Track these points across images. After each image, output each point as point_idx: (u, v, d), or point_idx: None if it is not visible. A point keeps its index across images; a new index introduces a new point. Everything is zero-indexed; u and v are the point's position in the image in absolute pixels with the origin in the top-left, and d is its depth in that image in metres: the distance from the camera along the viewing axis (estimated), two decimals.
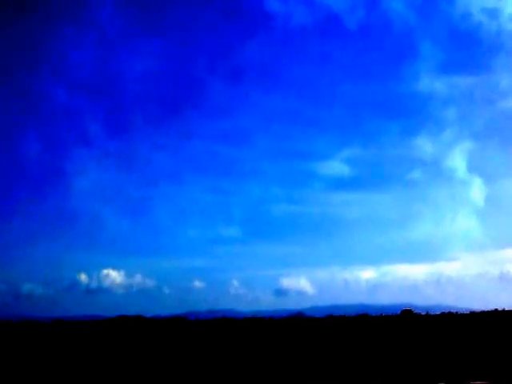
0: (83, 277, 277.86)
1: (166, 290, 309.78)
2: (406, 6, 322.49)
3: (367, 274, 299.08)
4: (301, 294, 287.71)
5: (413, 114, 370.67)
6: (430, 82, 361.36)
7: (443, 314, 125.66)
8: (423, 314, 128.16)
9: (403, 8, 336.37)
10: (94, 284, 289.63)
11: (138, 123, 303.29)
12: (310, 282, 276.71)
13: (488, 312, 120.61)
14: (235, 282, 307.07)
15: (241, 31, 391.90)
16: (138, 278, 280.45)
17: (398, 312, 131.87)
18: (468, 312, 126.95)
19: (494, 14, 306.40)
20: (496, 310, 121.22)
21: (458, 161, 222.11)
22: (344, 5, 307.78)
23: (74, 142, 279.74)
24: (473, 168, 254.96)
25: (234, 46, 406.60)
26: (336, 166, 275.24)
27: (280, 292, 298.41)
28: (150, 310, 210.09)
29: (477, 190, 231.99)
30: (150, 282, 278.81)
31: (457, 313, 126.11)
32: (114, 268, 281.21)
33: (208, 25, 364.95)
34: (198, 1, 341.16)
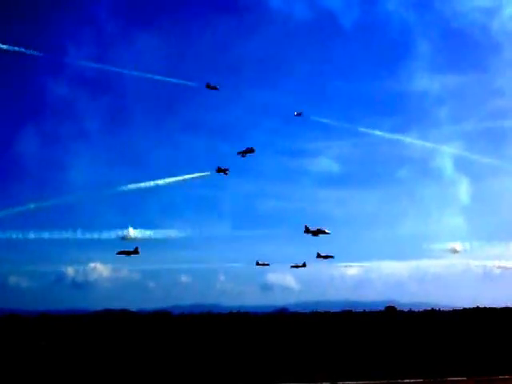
0: (70, 270, 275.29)
1: (152, 284, 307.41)
2: (400, 6, 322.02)
3: (352, 270, 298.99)
4: (286, 289, 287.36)
5: (403, 112, 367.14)
6: (422, 81, 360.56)
7: (426, 310, 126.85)
8: (406, 310, 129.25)
9: (398, 7, 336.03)
10: (80, 278, 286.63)
11: (135, 119, 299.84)
12: (295, 277, 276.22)
13: (470, 309, 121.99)
14: (221, 277, 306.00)
15: (240, 27, 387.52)
16: (124, 272, 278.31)
17: (383, 308, 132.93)
18: (451, 309, 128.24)
19: (488, 13, 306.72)
20: (477, 307, 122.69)
21: (446, 160, 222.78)
22: (340, 3, 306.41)
23: (71, 137, 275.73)
24: (460, 167, 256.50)
25: (234, 43, 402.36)
26: (325, 163, 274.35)
27: (265, 287, 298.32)
28: (136, 303, 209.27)
29: (463, 189, 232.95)
30: (136, 276, 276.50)
31: (439, 310, 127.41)
32: (101, 262, 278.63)
33: (208, 21, 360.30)
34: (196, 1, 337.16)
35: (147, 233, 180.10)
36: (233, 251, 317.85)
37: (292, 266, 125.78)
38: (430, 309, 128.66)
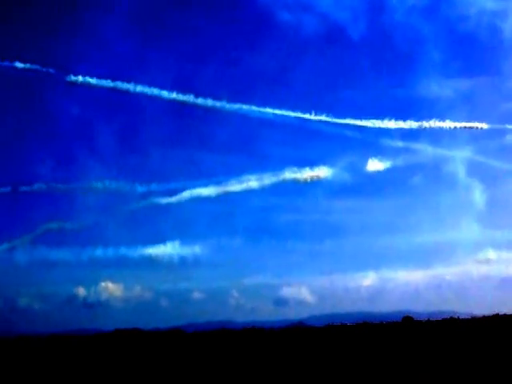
0: (81, 290, 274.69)
1: (164, 303, 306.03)
2: (407, 14, 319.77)
3: (367, 281, 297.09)
4: (301, 303, 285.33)
5: (414, 118, 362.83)
6: (433, 87, 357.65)
7: (444, 319, 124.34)
8: (424, 320, 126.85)
9: (405, 16, 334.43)
10: (91, 297, 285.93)
11: (148, 137, 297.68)
12: (310, 290, 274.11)
13: (489, 317, 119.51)
14: (234, 293, 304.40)
15: (250, 42, 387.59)
16: (136, 291, 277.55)
17: (399, 319, 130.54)
18: (469, 317, 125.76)
19: (497, 15, 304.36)
20: (497, 314, 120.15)
21: (458, 165, 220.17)
22: (347, 15, 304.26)
23: (84, 156, 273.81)
24: (473, 172, 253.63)
25: (243, 57, 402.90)
26: (337, 173, 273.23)
27: (280, 301, 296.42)
28: (149, 322, 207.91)
29: (478, 195, 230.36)
30: (148, 295, 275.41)
31: (458, 318, 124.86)
32: (112, 281, 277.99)
33: (218, 37, 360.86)
34: (206, 13, 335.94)
35: (159, 250, 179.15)
36: (246, 266, 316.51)
37: None
38: (448, 317, 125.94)
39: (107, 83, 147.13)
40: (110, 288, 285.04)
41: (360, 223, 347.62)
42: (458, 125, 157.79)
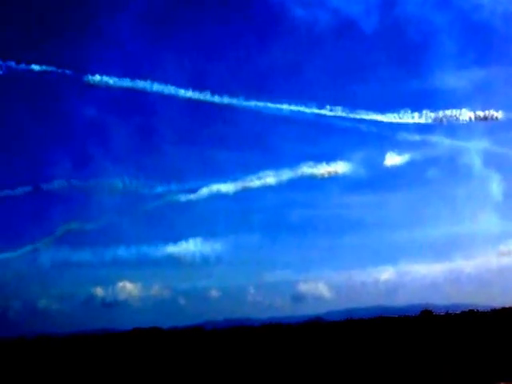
0: (99, 290, 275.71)
1: (182, 301, 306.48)
2: (420, 6, 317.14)
3: (385, 275, 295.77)
4: (318, 298, 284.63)
5: (430, 111, 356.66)
6: (447, 78, 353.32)
7: (463, 312, 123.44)
8: (443, 313, 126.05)
9: (417, 8, 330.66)
10: (109, 297, 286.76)
11: (164, 136, 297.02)
12: (327, 285, 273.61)
13: (509, 309, 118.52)
14: (252, 290, 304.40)
15: (263, 38, 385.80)
16: (154, 290, 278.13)
17: (418, 313, 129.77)
18: (489, 310, 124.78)
19: (510, 2, 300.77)
20: None
21: (474, 156, 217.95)
22: (360, 9, 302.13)
23: (101, 157, 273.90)
24: (490, 163, 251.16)
25: (257, 53, 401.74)
26: (351, 168, 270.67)
27: (297, 297, 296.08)
28: (167, 321, 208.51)
29: (495, 186, 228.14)
30: (167, 293, 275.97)
31: (477, 310, 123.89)
32: (130, 280, 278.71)
33: (231, 34, 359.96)
34: (219, 10, 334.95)
35: (177, 248, 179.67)
36: (263, 263, 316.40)
37: None
38: (467, 310, 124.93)
39: (124, 82, 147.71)
40: (128, 287, 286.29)
41: (377, 217, 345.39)
42: (474, 115, 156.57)
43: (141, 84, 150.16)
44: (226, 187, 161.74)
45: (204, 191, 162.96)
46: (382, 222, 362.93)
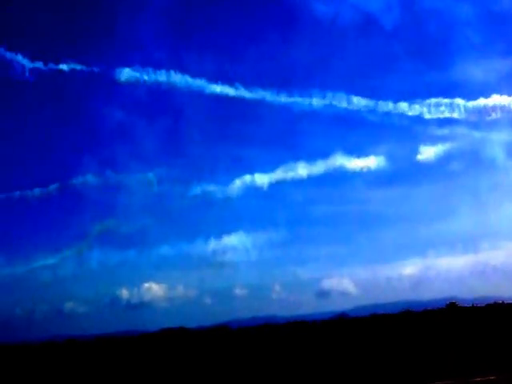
0: (124, 292, 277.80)
1: (208, 300, 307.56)
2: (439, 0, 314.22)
3: (409, 269, 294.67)
4: (343, 294, 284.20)
5: (456, 103, 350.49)
6: (470, 70, 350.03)
7: (489, 305, 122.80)
8: (469, 306, 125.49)
9: (437, 1, 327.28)
10: (134, 299, 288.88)
11: (191, 136, 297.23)
12: (352, 281, 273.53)
13: None
14: (277, 287, 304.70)
15: (287, 36, 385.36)
16: (179, 290, 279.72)
17: (443, 306, 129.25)
18: None
19: None
20: None
21: (496, 148, 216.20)
22: (380, 5, 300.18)
23: (132, 154, 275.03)
24: None
25: (282, 51, 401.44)
26: (373, 162, 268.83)
27: (322, 294, 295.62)
28: (194, 320, 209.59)
29: None
30: (192, 293, 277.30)
31: (503, 302, 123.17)
32: (155, 281, 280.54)
33: (254, 33, 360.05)
34: (241, 7, 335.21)
35: (202, 247, 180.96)
36: (286, 260, 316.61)
37: None
38: (493, 302, 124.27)
39: (155, 77, 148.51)
40: (154, 288, 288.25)
41: (402, 211, 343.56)
42: (500, 106, 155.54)
43: (169, 80, 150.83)
44: (260, 178, 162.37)
45: (235, 185, 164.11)
46: (407, 215, 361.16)
